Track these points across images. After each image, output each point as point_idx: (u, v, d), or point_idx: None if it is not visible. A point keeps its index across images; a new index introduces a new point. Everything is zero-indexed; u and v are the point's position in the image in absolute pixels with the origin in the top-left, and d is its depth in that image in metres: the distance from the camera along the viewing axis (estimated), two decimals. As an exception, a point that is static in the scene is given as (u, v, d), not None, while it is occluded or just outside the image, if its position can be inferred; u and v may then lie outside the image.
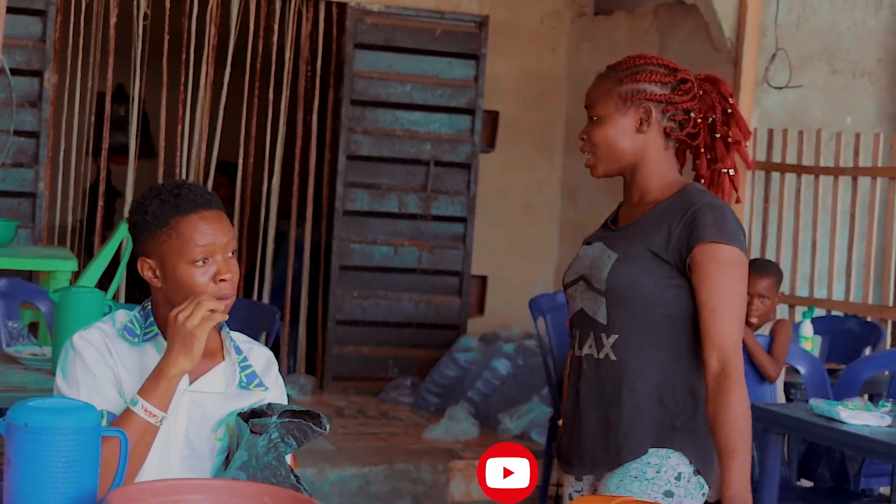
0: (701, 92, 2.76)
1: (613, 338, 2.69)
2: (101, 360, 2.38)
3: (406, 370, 7.36)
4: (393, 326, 7.37)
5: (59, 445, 1.86)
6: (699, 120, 2.75)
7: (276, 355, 7.36)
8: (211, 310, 2.31)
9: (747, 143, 2.83)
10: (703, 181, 2.79)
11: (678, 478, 2.65)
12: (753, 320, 4.78)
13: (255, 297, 7.38)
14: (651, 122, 2.73)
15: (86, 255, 7.56)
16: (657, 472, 2.65)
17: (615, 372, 2.69)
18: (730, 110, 2.76)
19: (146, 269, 2.43)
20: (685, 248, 2.64)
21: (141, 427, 2.28)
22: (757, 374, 4.73)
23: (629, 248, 2.69)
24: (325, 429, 2.38)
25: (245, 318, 4.96)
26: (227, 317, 2.37)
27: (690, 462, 2.66)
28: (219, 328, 2.50)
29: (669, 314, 2.67)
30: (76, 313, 3.53)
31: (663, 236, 2.66)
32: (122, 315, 2.48)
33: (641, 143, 2.74)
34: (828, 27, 6.53)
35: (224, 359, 2.48)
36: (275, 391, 2.52)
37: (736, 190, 2.80)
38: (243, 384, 2.47)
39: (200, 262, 2.39)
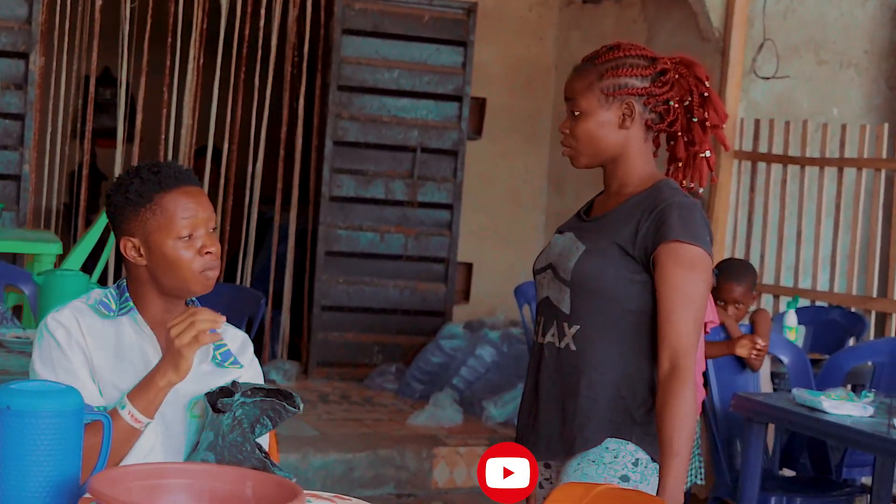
0: (677, 76, 2.74)
1: (575, 328, 2.70)
2: (72, 340, 2.39)
3: (391, 357, 7.36)
4: (378, 313, 7.37)
5: (41, 428, 1.85)
6: (677, 106, 2.75)
7: (260, 341, 7.37)
8: (202, 330, 2.30)
9: (724, 127, 2.82)
10: (679, 164, 2.79)
11: (636, 463, 2.68)
12: (732, 324, 4.75)
13: (238, 281, 7.37)
14: (634, 118, 2.72)
15: (70, 239, 7.54)
16: (615, 458, 2.67)
17: (575, 362, 2.70)
18: (706, 94, 2.74)
19: (129, 249, 2.43)
20: (651, 244, 2.64)
21: (126, 430, 2.31)
22: (740, 363, 4.74)
23: (598, 240, 2.70)
24: (299, 408, 2.38)
25: (229, 303, 4.96)
26: (219, 337, 2.35)
27: (647, 451, 2.68)
28: (187, 304, 2.51)
29: (632, 309, 2.68)
30: (60, 296, 3.52)
31: (631, 231, 2.67)
32: (97, 292, 2.50)
33: (624, 137, 2.74)
34: (815, 18, 6.54)
35: None
36: (250, 371, 2.53)
37: (712, 171, 2.81)
38: (217, 361, 2.48)
39: (186, 237, 2.41)
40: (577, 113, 2.73)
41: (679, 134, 2.77)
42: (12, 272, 4.94)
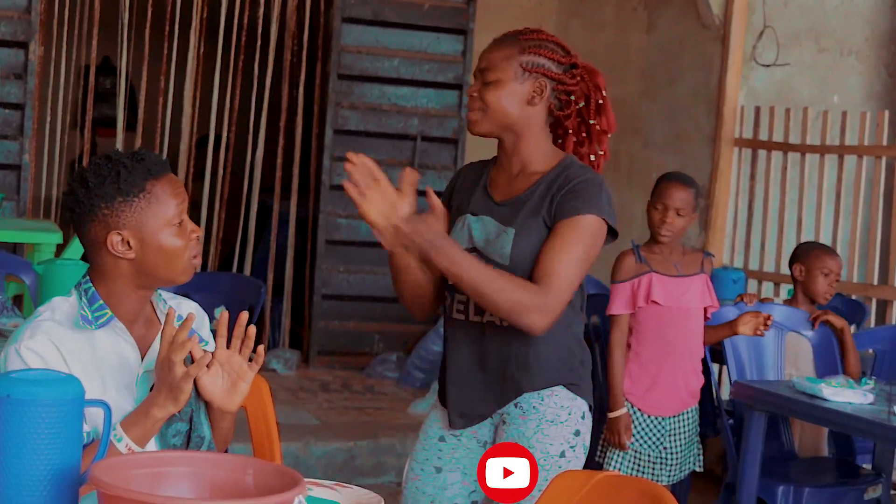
0: (579, 79, 2.89)
1: None
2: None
3: (392, 345, 7.37)
4: (379, 301, 7.37)
5: (41, 417, 1.85)
6: (574, 104, 2.90)
7: (261, 329, 7.37)
8: (186, 359, 2.24)
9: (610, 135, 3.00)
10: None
11: (583, 417, 2.87)
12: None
13: (234, 269, 7.37)
14: (542, 98, 2.85)
15: (70, 228, 7.53)
16: (569, 415, 2.84)
17: (522, 337, 2.80)
18: (601, 101, 2.91)
19: (118, 244, 2.32)
20: (556, 215, 2.79)
21: None
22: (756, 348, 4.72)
23: (525, 221, 2.81)
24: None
25: (229, 291, 4.97)
26: (197, 338, 2.31)
27: (588, 402, 2.89)
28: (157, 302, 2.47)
29: None
30: (60, 285, 3.53)
31: (548, 208, 2.80)
32: (66, 305, 2.36)
33: (529, 114, 2.86)
34: (815, 5, 6.53)
35: (161, 323, 2.43)
36: (212, 344, 2.49)
37: (598, 172, 2.96)
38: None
39: (177, 224, 2.35)
40: (492, 81, 2.83)
41: (570, 132, 2.91)
42: (13, 262, 4.94)
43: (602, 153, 2.96)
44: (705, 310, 4.41)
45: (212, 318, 2.70)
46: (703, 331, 4.42)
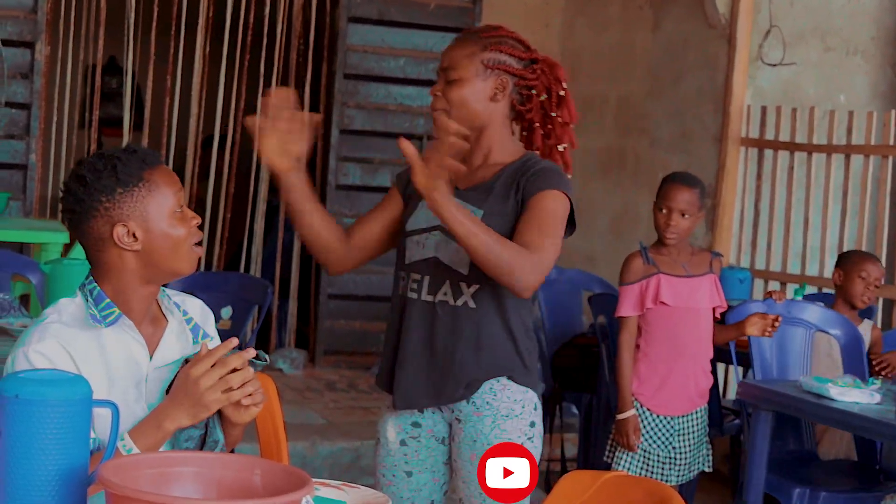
0: (539, 73, 2.97)
1: (475, 287, 2.88)
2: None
3: (398, 345, 7.35)
4: (385, 301, 7.36)
5: (49, 416, 1.86)
6: (535, 98, 2.96)
7: (268, 329, 7.38)
8: (237, 395, 2.23)
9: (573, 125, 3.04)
10: (537, 153, 3.00)
11: (535, 408, 2.94)
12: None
13: (241, 269, 7.37)
14: (505, 94, 2.93)
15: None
16: (523, 408, 2.91)
17: (476, 318, 2.88)
18: (562, 93, 2.97)
19: (125, 235, 2.31)
20: (523, 196, 2.87)
21: None
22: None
23: (493, 204, 2.88)
24: (266, 360, 2.36)
25: (236, 291, 4.96)
26: (260, 402, 2.29)
27: (537, 393, 2.96)
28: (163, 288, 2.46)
29: None
30: (67, 285, 3.53)
31: (514, 193, 2.88)
32: (72, 306, 2.35)
33: (491, 110, 2.93)
34: (821, 4, 6.52)
35: (167, 320, 2.43)
36: (216, 341, 2.49)
37: (566, 164, 3.01)
38: (195, 342, 2.44)
39: (178, 210, 2.35)
40: (455, 79, 2.90)
41: (536, 125, 2.98)
42: (19, 261, 4.94)
43: (569, 144, 3.02)
44: (714, 309, 4.40)
45: (218, 318, 2.71)
46: (711, 331, 4.41)
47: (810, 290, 6.00)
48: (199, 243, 2.41)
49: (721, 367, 5.83)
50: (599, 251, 7.37)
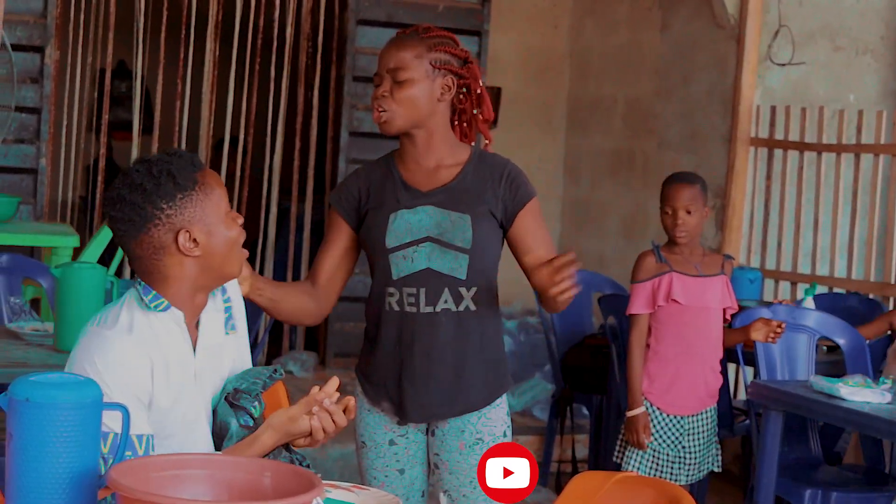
0: (471, 71, 3.03)
1: (473, 290, 2.98)
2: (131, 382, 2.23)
3: (408, 347, 7.35)
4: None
5: (60, 420, 1.86)
6: (472, 96, 3.03)
7: (279, 332, 7.38)
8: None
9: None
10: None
11: (507, 413, 3.09)
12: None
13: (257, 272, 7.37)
14: (451, 93, 2.99)
15: (87, 232, 7.56)
16: (500, 400, 3.07)
17: (476, 321, 3.00)
18: (479, 91, 3.03)
19: (187, 241, 2.27)
20: (511, 205, 2.98)
21: None
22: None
23: (472, 207, 2.96)
24: (281, 374, 2.45)
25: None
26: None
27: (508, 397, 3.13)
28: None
29: (496, 262, 3.05)
30: (78, 289, 3.54)
31: (491, 195, 2.97)
32: (114, 308, 2.31)
33: (438, 110, 2.99)
34: (830, 4, 6.51)
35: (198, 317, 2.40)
36: (240, 326, 2.50)
37: None
38: (227, 331, 2.44)
39: (230, 211, 2.35)
40: (403, 80, 2.96)
41: (465, 124, 3.06)
42: (30, 265, 4.96)
43: (488, 141, 3.09)
44: (724, 310, 4.40)
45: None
46: (721, 331, 4.41)
47: (821, 289, 5.99)
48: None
49: (731, 367, 5.82)
50: (609, 252, 7.36)
